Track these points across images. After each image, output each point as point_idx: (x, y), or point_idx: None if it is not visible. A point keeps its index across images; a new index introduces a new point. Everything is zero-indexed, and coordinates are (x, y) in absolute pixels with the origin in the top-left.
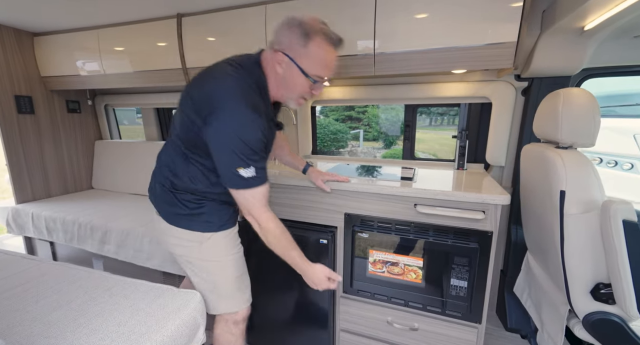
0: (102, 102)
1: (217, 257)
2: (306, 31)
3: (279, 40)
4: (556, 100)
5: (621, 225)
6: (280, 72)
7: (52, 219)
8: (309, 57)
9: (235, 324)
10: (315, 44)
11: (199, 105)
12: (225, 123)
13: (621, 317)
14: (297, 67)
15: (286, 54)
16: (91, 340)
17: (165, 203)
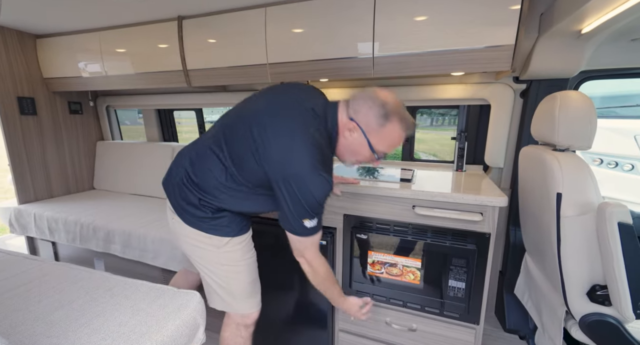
0: (103, 103)
1: (233, 261)
2: (386, 113)
3: (357, 110)
4: (553, 103)
5: (617, 227)
6: (349, 139)
7: (54, 219)
8: (380, 136)
9: (245, 328)
10: (390, 127)
11: (273, 158)
12: (300, 184)
13: (617, 319)
14: (367, 141)
15: (360, 126)
16: (92, 340)
17: (185, 205)
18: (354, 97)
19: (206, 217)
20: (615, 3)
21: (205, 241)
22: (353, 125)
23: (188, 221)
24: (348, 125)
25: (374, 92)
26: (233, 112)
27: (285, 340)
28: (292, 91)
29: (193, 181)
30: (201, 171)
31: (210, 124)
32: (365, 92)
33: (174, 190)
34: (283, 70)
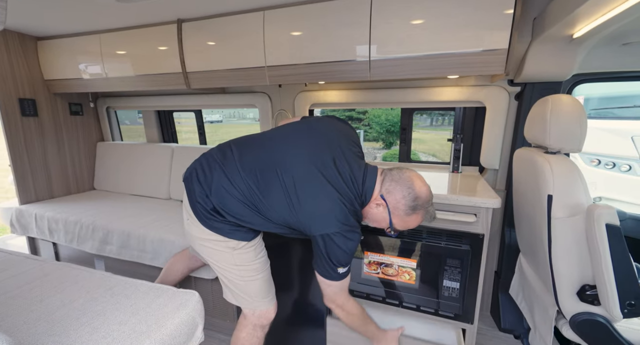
0: (104, 104)
1: (248, 261)
2: (415, 206)
3: (390, 191)
4: (545, 107)
5: (604, 229)
6: (374, 210)
7: (55, 220)
8: (402, 220)
9: (262, 328)
10: (414, 217)
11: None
12: (338, 242)
13: (606, 318)
14: (389, 219)
15: (388, 206)
16: (93, 339)
17: (204, 211)
18: (391, 176)
19: (226, 223)
20: (606, 8)
21: (221, 244)
22: (382, 203)
23: (206, 223)
24: (377, 200)
25: (411, 181)
26: (261, 148)
27: (284, 338)
28: (333, 149)
29: (215, 207)
30: (226, 203)
31: (209, 124)
32: (402, 177)
33: (194, 192)
34: (281, 73)
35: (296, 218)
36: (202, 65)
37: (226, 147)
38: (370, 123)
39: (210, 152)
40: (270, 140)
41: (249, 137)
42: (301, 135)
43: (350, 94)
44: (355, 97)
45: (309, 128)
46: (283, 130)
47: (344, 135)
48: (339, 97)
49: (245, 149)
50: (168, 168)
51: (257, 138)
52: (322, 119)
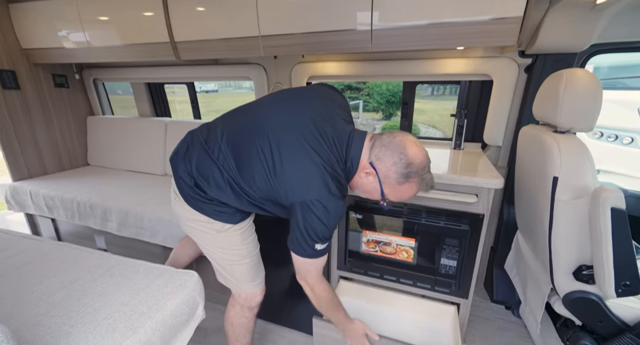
0: (90, 76)
1: (233, 246)
2: (408, 174)
3: (379, 158)
4: (558, 82)
5: (609, 212)
6: (363, 179)
7: (51, 197)
8: (394, 190)
9: (249, 309)
10: (407, 186)
11: (289, 182)
12: (317, 211)
13: (599, 296)
14: (380, 189)
15: (378, 175)
16: (95, 320)
17: (189, 191)
18: (381, 141)
19: (210, 203)
20: None
21: (206, 225)
22: (371, 171)
23: (190, 203)
24: (366, 168)
25: (403, 145)
26: (241, 118)
27: (283, 312)
28: (314, 110)
29: (197, 183)
30: (207, 178)
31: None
32: (394, 141)
33: (178, 169)
34: (276, 44)
35: (274, 187)
36: (191, 35)
37: (211, 124)
38: (371, 93)
39: (196, 129)
40: (251, 109)
41: (233, 109)
42: (281, 99)
43: (350, 66)
44: (355, 69)
45: (291, 92)
46: (266, 97)
47: (329, 99)
48: (338, 69)
49: (227, 121)
50: (162, 143)
51: (240, 109)
52: (310, 85)
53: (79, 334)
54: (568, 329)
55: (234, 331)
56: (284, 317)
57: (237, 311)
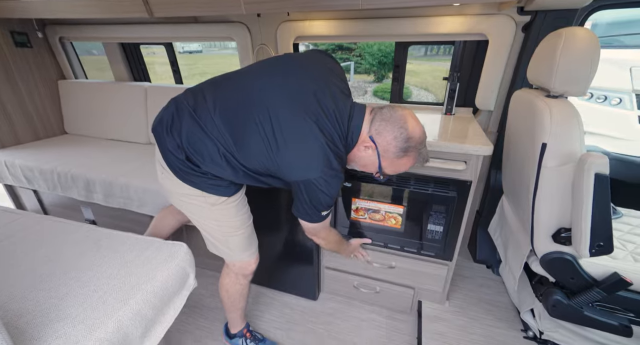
0: (55, 34)
1: (228, 217)
2: (407, 148)
3: (380, 132)
4: (556, 43)
5: (593, 177)
6: (362, 152)
7: (29, 168)
8: (392, 163)
9: (244, 277)
10: (405, 160)
11: (290, 161)
12: (320, 185)
13: (573, 256)
14: (379, 162)
15: (377, 148)
16: (84, 292)
17: (179, 163)
18: (381, 115)
19: (204, 176)
20: None
21: (199, 199)
22: (371, 145)
23: (182, 177)
24: (366, 142)
25: (404, 119)
26: (236, 89)
27: (276, 275)
28: (315, 83)
29: (189, 157)
30: (200, 152)
31: (188, 55)
32: (394, 115)
33: (165, 142)
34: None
35: (276, 164)
36: None
37: (197, 91)
38: (362, 53)
39: (180, 97)
40: (244, 78)
41: (222, 76)
42: (278, 70)
43: (340, 25)
44: (345, 28)
45: (288, 61)
46: (259, 66)
47: (328, 69)
48: (326, 28)
49: (218, 90)
50: (144, 110)
51: (231, 77)
52: (305, 52)
53: (69, 307)
54: (542, 285)
55: (229, 297)
56: (276, 281)
57: (232, 279)
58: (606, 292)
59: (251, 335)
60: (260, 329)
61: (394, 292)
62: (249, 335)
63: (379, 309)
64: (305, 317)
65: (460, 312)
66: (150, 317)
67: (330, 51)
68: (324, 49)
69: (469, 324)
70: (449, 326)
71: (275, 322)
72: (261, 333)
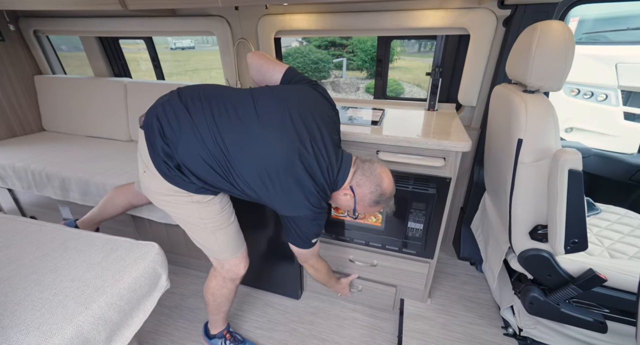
0: (28, 27)
1: (214, 214)
2: (379, 201)
3: (359, 185)
4: (531, 37)
5: (567, 174)
6: (341, 197)
7: (1, 166)
8: (365, 209)
9: (232, 281)
10: (376, 208)
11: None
12: (311, 221)
13: (549, 253)
14: (354, 206)
15: (355, 198)
16: (44, 296)
17: (170, 172)
18: (363, 170)
19: (193, 184)
20: None
21: (185, 198)
22: (350, 193)
23: (170, 179)
24: (346, 190)
25: (380, 178)
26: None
27: (260, 274)
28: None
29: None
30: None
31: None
32: (374, 173)
33: (156, 144)
34: None
35: (267, 198)
36: None
37: (195, 98)
38: (355, 50)
39: (177, 99)
40: (251, 115)
41: (225, 94)
42: (285, 117)
43: (321, 19)
44: (326, 22)
45: (292, 103)
46: (265, 105)
47: (327, 118)
48: (307, 22)
49: (221, 111)
50: (124, 106)
51: (236, 103)
52: (306, 89)
53: (25, 312)
54: (521, 282)
55: (215, 301)
56: (259, 280)
57: (219, 282)
58: (582, 289)
59: (231, 337)
60: (241, 329)
61: (377, 291)
62: (228, 337)
63: (362, 307)
64: (287, 316)
65: (442, 310)
66: (116, 320)
67: (322, 47)
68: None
69: (450, 322)
70: (430, 324)
71: (256, 321)
72: (241, 334)
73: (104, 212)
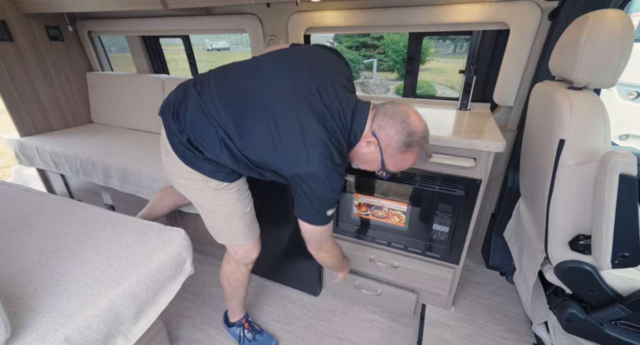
0: (84, 28)
1: (230, 203)
2: (409, 143)
3: (382, 127)
4: (581, 28)
5: (617, 179)
6: (364, 149)
7: (56, 153)
8: (395, 159)
9: (245, 265)
10: (408, 155)
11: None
12: (323, 183)
13: (593, 266)
14: (381, 158)
15: (380, 144)
16: (83, 270)
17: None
18: (384, 110)
19: (207, 162)
20: None
21: (201, 183)
22: (373, 141)
23: (185, 159)
24: (368, 138)
25: (406, 114)
26: (241, 81)
27: (279, 268)
28: (320, 80)
29: (191, 141)
30: (202, 136)
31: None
32: (396, 110)
33: (171, 125)
34: None
35: (276, 155)
36: None
37: (204, 78)
38: (386, 50)
39: (187, 82)
40: (251, 68)
41: (228, 65)
42: (286, 64)
43: (351, 15)
44: (355, 19)
45: (294, 55)
46: (266, 58)
47: (334, 67)
48: (337, 19)
49: (223, 78)
50: (160, 101)
51: (237, 66)
52: (312, 47)
53: (67, 282)
54: (557, 296)
55: (230, 285)
56: (278, 274)
57: (233, 267)
58: (632, 310)
59: (249, 326)
60: (259, 320)
61: (397, 294)
62: (247, 326)
63: (381, 310)
64: (305, 312)
65: (466, 319)
66: (144, 298)
67: (353, 48)
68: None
69: (475, 333)
70: (452, 333)
71: (275, 314)
72: (259, 325)
73: (154, 211)
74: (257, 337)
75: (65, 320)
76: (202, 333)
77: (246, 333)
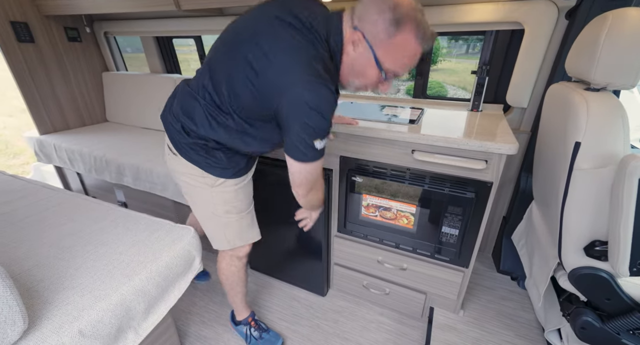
0: (100, 29)
1: (225, 201)
2: (398, 19)
3: (362, 16)
4: (600, 28)
5: (637, 183)
6: (352, 54)
7: (72, 151)
8: (389, 49)
9: (238, 259)
10: (402, 38)
11: (274, 81)
12: (307, 101)
13: (610, 273)
14: (373, 55)
15: (365, 36)
16: (96, 265)
17: (182, 140)
18: (360, 2)
19: (201, 149)
20: None
21: (199, 179)
22: (357, 36)
23: (183, 153)
24: (352, 36)
25: None
26: (217, 45)
27: (285, 268)
28: (285, 5)
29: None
30: (190, 113)
31: None
32: None
33: (167, 119)
34: None
35: (259, 94)
36: None
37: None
38: None
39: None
40: (228, 31)
41: None
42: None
43: None
44: None
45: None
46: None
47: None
48: None
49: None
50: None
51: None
52: None
53: (81, 277)
54: (571, 303)
55: (227, 280)
56: (285, 273)
57: (227, 261)
58: None
59: (256, 325)
60: (266, 319)
61: (405, 296)
62: (253, 324)
63: (389, 311)
64: (312, 312)
65: (475, 324)
66: (154, 294)
67: None
68: None
69: (484, 338)
70: (461, 337)
71: (281, 313)
72: (266, 323)
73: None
74: (264, 335)
75: (79, 313)
76: (210, 330)
77: (253, 331)
